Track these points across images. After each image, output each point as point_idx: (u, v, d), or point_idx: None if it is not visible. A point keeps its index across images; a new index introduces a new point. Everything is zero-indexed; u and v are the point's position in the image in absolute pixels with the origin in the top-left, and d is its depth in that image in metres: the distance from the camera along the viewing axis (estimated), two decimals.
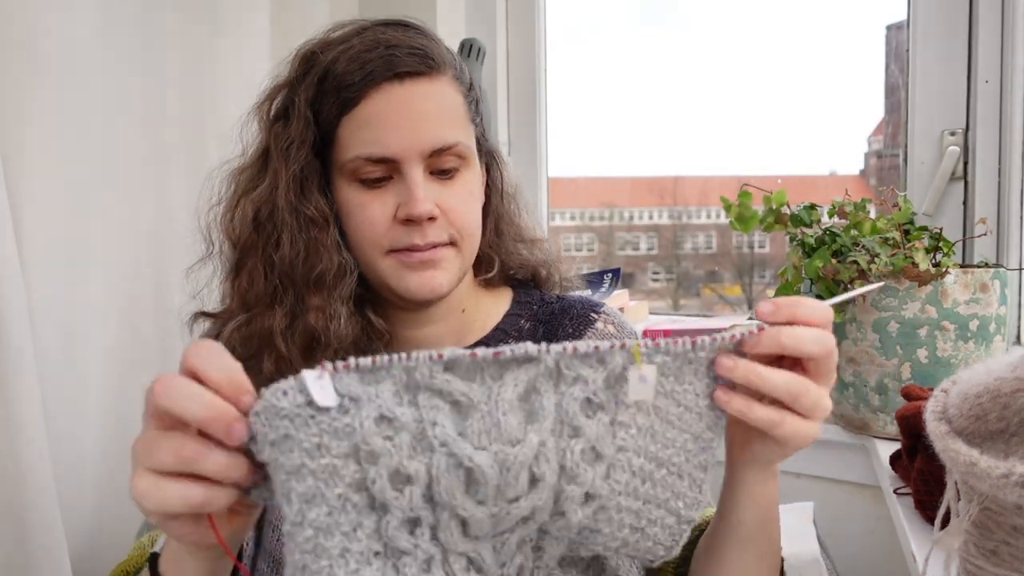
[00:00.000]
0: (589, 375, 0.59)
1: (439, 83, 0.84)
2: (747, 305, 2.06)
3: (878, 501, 1.36)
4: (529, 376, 0.57)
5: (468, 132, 0.88)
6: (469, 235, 0.88)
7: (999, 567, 0.56)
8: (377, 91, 0.82)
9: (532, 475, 0.57)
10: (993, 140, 1.36)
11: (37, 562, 1.16)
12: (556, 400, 0.58)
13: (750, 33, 1.81)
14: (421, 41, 0.84)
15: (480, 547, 0.60)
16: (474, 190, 0.89)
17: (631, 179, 2.23)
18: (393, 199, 0.83)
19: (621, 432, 0.60)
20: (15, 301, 1.12)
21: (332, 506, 0.54)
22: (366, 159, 0.82)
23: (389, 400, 0.54)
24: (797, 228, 1.30)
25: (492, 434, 0.56)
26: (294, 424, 0.52)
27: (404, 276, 0.85)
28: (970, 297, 1.15)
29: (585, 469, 0.59)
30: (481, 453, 0.55)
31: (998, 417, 0.53)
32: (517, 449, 0.56)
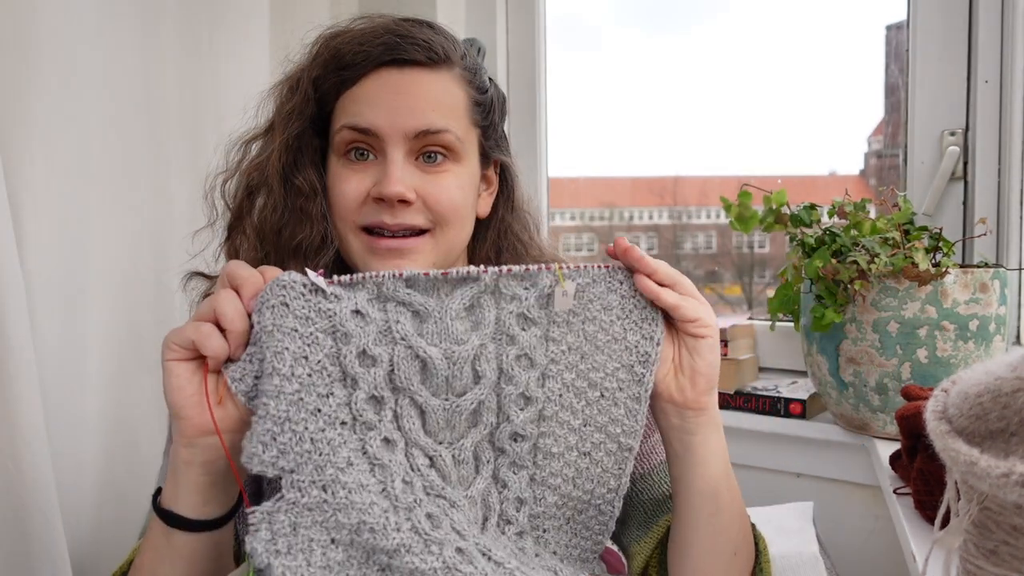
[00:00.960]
0: (522, 293, 0.72)
1: (440, 76, 0.86)
2: (747, 305, 2.05)
3: (878, 501, 1.36)
4: (473, 292, 0.71)
5: (465, 129, 0.88)
6: (448, 224, 0.87)
7: (999, 567, 0.56)
8: (376, 73, 0.85)
9: (475, 373, 0.72)
10: (993, 140, 1.36)
11: (37, 562, 1.16)
12: (496, 313, 0.72)
13: (750, 33, 1.81)
14: (431, 36, 0.86)
15: (440, 449, 0.72)
16: (463, 185, 0.88)
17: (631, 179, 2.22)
18: (371, 177, 0.85)
19: (552, 346, 0.73)
20: (15, 301, 1.12)
21: (313, 368, 0.68)
22: (351, 128, 0.85)
23: (363, 301, 0.70)
24: (797, 228, 1.30)
25: (442, 335, 0.71)
26: (290, 295, 0.68)
27: (369, 261, 0.86)
28: (970, 297, 1.15)
29: (519, 372, 0.72)
30: (433, 348, 0.70)
31: (998, 417, 0.53)
32: (461, 348, 0.71)
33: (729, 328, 1.51)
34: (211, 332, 0.68)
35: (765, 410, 1.44)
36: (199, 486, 0.71)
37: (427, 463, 0.72)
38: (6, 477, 1.13)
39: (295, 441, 0.66)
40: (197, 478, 0.71)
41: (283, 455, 0.66)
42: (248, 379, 0.68)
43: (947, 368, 1.15)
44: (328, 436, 0.67)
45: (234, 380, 0.69)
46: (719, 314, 1.85)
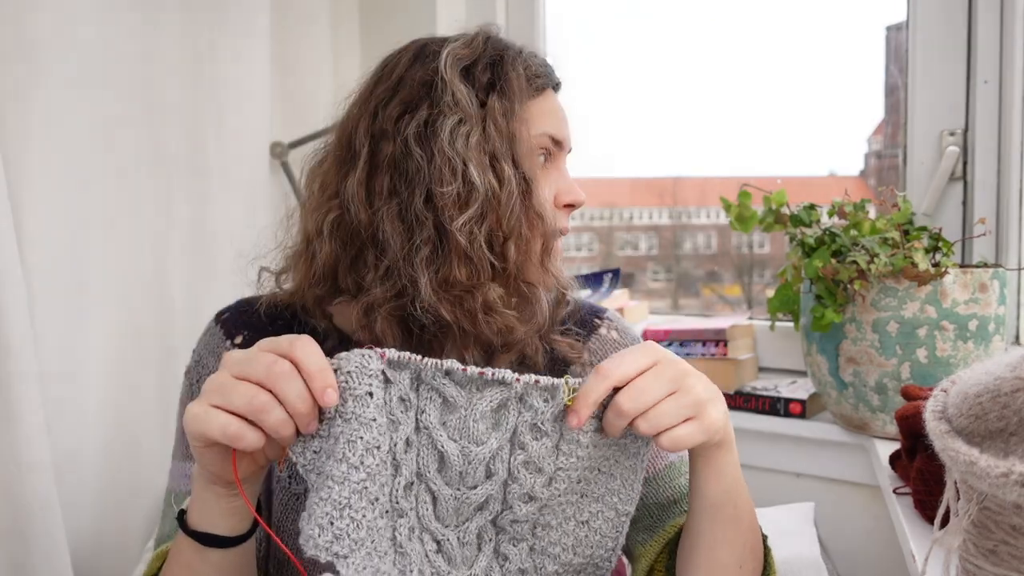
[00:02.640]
0: (540, 407, 0.72)
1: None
2: (747, 305, 2.05)
3: (878, 501, 1.36)
4: (503, 396, 0.71)
5: None
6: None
7: (998, 566, 0.56)
8: (549, 90, 0.93)
9: (488, 470, 0.73)
10: (992, 140, 1.36)
11: (37, 562, 1.16)
12: (515, 419, 0.72)
13: (750, 33, 1.81)
14: None
15: (447, 532, 0.74)
16: None
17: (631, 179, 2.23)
18: (555, 182, 0.91)
19: (562, 458, 0.73)
20: (15, 301, 1.12)
21: (383, 458, 0.68)
22: (552, 137, 0.90)
23: (406, 386, 0.70)
24: (797, 228, 1.30)
25: (463, 432, 0.71)
26: (375, 384, 0.67)
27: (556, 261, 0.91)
28: (969, 297, 1.15)
29: (525, 476, 0.73)
30: (452, 443, 0.72)
31: (997, 416, 0.53)
32: (479, 449, 0.72)
33: (729, 328, 1.51)
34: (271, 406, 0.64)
35: (765, 410, 1.44)
36: (233, 509, 0.72)
37: (435, 548, 0.74)
38: (6, 477, 1.13)
39: (352, 527, 0.66)
40: (229, 503, 0.72)
41: (338, 540, 0.66)
42: (309, 453, 0.68)
43: (947, 368, 1.16)
44: (378, 524, 0.68)
45: (296, 453, 0.68)
46: (719, 314, 1.85)
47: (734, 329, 1.52)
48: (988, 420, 0.54)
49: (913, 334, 1.16)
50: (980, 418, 0.55)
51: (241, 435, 0.64)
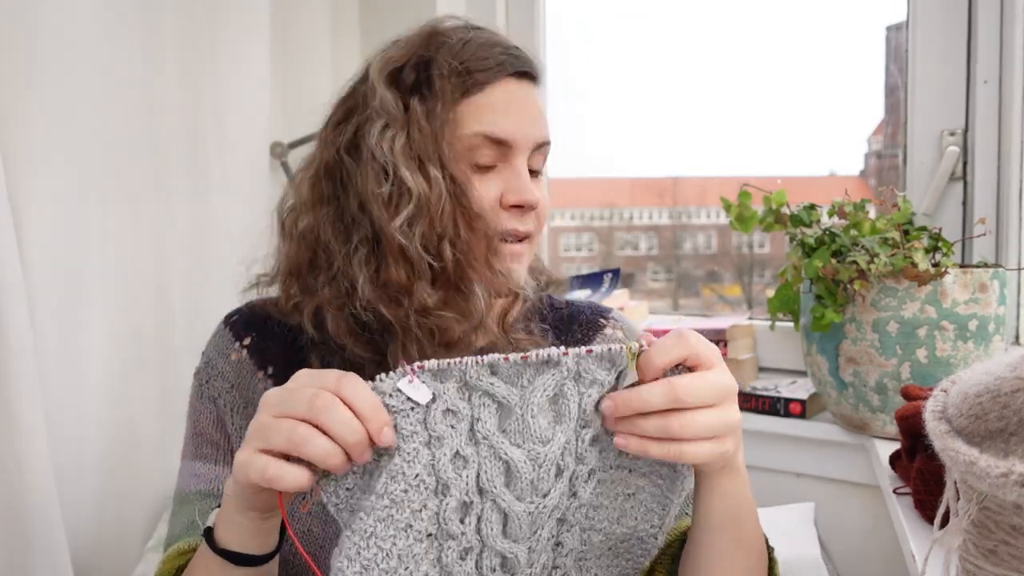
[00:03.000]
0: (603, 377, 0.67)
1: (538, 90, 0.92)
2: (747, 305, 2.05)
3: (878, 501, 1.36)
4: (556, 380, 0.66)
5: None
6: (540, 231, 0.91)
7: (998, 566, 0.56)
8: (501, 81, 0.87)
9: (558, 468, 0.68)
10: (993, 140, 1.36)
11: (37, 562, 1.16)
12: (578, 400, 0.67)
13: (750, 33, 1.81)
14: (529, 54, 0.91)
15: (517, 548, 0.69)
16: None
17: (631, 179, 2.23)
18: (497, 183, 0.87)
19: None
20: (15, 301, 1.12)
21: (410, 484, 0.65)
22: (486, 136, 0.85)
23: (454, 395, 0.66)
24: (797, 228, 1.30)
25: (525, 434, 0.66)
26: (399, 417, 0.64)
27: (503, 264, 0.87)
28: (969, 297, 1.15)
29: (591, 451, 0.69)
30: (516, 450, 0.66)
31: (998, 416, 0.53)
32: (547, 448, 0.66)
33: (729, 328, 1.51)
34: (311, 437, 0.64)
35: (765, 410, 1.44)
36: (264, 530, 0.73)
37: (499, 562, 0.70)
38: (6, 477, 1.13)
39: (381, 557, 0.65)
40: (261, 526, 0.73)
41: (366, 571, 0.65)
42: (341, 491, 0.67)
43: (947, 368, 1.16)
44: (415, 551, 0.66)
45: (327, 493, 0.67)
46: (719, 314, 1.85)
47: (734, 329, 1.52)
48: (988, 420, 0.54)
49: (913, 334, 1.16)
50: (980, 418, 0.55)
51: (280, 476, 0.64)
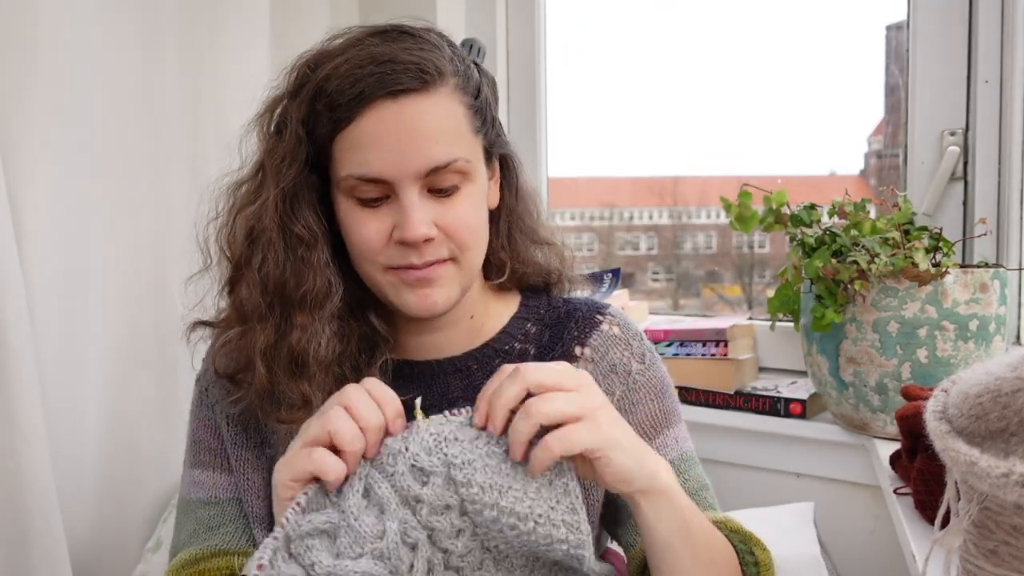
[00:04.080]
0: (398, 445, 0.68)
1: (436, 97, 0.81)
2: (747, 305, 2.05)
3: (878, 501, 1.36)
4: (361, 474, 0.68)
5: (470, 145, 0.84)
6: (470, 250, 0.86)
7: (999, 567, 0.56)
8: (370, 109, 0.79)
9: (409, 545, 0.67)
10: (993, 140, 1.36)
11: (37, 562, 1.16)
12: (389, 483, 0.67)
13: (750, 33, 1.80)
14: (418, 53, 0.81)
15: None
16: (478, 202, 0.86)
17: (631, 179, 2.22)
18: (389, 219, 0.82)
19: (463, 489, 0.68)
20: (15, 301, 1.12)
21: None
22: (359, 178, 0.81)
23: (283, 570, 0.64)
24: (797, 228, 1.30)
25: (360, 541, 0.65)
26: None
27: (402, 293, 0.85)
28: (970, 297, 1.15)
29: (439, 520, 0.68)
30: (360, 561, 0.65)
31: (998, 417, 0.53)
32: (385, 541, 0.66)
33: (729, 328, 1.51)
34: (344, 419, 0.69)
35: (765, 410, 1.44)
36: None
37: None
38: (6, 477, 1.13)
39: None
40: None
41: None
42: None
43: (947, 368, 1.15)
44: None
45: None
46: (719, 314, 1.85)
47: (734, 329, 1.52)
48: (989, 420, 0.54)
49: (914, 334, 1.16)
50: (981, 418, 0.54)
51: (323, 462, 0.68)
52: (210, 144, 1.53)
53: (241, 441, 0.93)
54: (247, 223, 0.85)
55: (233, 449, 0.94)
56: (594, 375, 0.89)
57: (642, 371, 0.95)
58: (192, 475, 0.95)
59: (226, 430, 0.94)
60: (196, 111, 1.51)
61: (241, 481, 0.93)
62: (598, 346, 0.95)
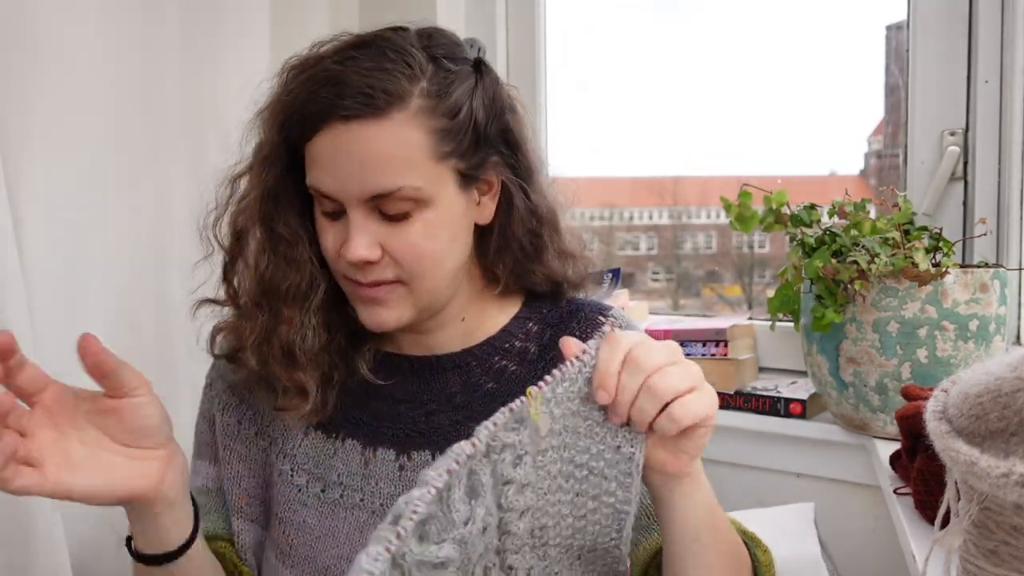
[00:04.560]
0: (515, 439, 0.66)
1: (388, 124, 0.79)
2: (747, 305, 2.05)
3: (878, 501, 1.36)
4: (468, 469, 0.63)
5: (428, 172, 0.81)
6: (421, 276, 0.85)
7: (999, 567, 0.56)
8: (325, 129, 0.80)
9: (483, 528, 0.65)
10: (993, 140, 1.36)
11: (37, 563, 1.16)
12: (491, 469, 0.65)
13: (750, 33, 1.81)
14: (375, 76, 0.79)
15: None
16: (435, 231, 0.84)
17: (631, 179, 2.22)
18: (343, 234, 0.83)
19: (540, 456, 0.68)
20: (15, 301, 1.12)
21: None
22: (316, 191, 0.84)
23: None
24: (797, 228, 1.30)
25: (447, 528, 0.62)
26: None
27: (356, 304, 0.87)
28: (970, 297, 1.15)
29: (517, 499, 0.68)
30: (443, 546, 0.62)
31: (998, 417, 0.53)
32: (469, 527, 0.63)
33: (729, 328, 1.51)
34: None
35: (765, 410, 1.44)
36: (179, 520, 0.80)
37: None
38: None
39: None
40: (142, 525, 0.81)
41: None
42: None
43: (947, 368, 1.15)
44: None
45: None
46: (719, 314, 1.85)
47: (734, 329, 1.52)
48: (989, 420, 0.54)
49: (914, 334, 1.16)
50: (981, 418, 0.54)
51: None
52: (210, 144, 1.53)
53: (233, 432, 0.96)
54: (234, 219, 0.90)
55: (223, 439, 0.96)
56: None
57: None
58: (194, 465, 0.98)
59: (220, 419, 0.96)
60: (196, 111, 1.51)
61: (224, 470, 0.96)
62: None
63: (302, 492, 0.91)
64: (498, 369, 0.93)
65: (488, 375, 0.93)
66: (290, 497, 0.91)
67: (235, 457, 0.96)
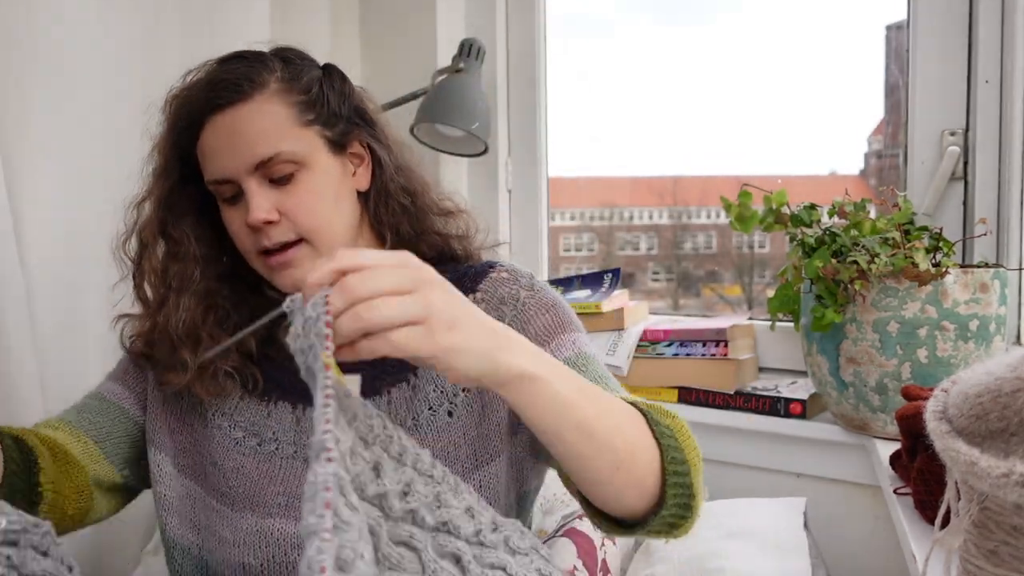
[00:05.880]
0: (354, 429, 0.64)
1: (256, 103, 0.94)
2: (747, 305, 2.06)
3: (878, 501, 1.36)
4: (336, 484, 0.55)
5: (298, 137, 0.95)
6: (315, 231, 0.95)
7: (999, 567, 0.56)
8: (208, 124, 0.95)
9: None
10: (993, 140, 1.36)
11: None
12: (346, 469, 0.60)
13: (750, 33, 1.81)
14: (240, 70, 0.95)
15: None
16: (319, 189, 0.96)
17: (631, 179, 2.23)
18: (244, 212, 0.95)
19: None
20: (15, 301, 1.12)
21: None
22: (212, 182, 0.96)
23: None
24: (797, 228, 1.30)
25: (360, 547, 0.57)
26: None
27: (273, 275, 0.96)
28: (970, 297, 1.15)
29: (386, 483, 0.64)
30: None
31: (998, 417, 0.53)
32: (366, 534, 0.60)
33: (729, 328, 1.51)
34: None
35: (765, 410, 1.44)
36: None
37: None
38: None
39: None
40: None
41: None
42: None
43: (947, 368, 1.15)
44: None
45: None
46: (719, 314, 1.85)
47: (734, 329, 1.52)
48: (989, 420, 0.54)
49: (914, 334, 1.16)
50: (981, 418, 0.54)
51: None
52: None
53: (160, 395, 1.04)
54: (139, 232, 1.03)
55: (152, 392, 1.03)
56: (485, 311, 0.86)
57: (531, 296, 0.98)
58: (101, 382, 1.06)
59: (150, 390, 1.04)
60: None
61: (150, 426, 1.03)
62: (487, 288, 1.00)
63: (240, 444, 0.98)
64: None
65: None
66: (228, 447, 0.98)
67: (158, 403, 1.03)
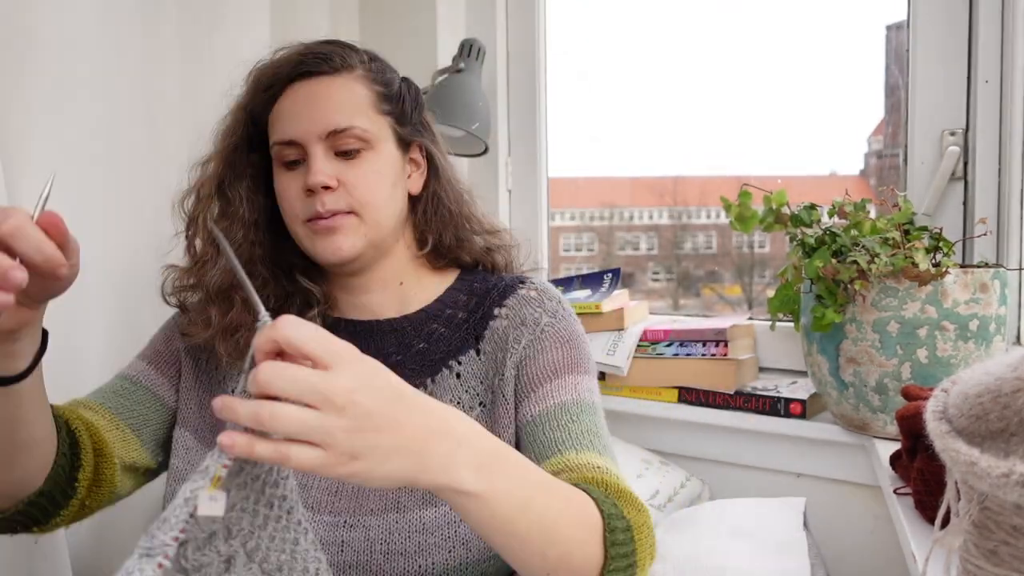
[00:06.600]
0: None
1: (341, 79, 1.00)
2: (747, 305, 2.06)
3: (878, 501, 1.36)
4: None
5: (372, 120, 1.00)
6: (368, 206, 0.99)
7: (999, 567, 0.56)
8: (290, 88, 1.00)
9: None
10: (993, 140, 1.36)
11: (37, 562, 1.16)
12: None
13: (750, 33, 1.81)
14: (332, 49, 1.02)
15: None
16: (381, 170, 1.00)
17: (631, 179, 2.23)
18: (303, 177, 0.99)
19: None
20: None
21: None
22: (278, 143, 1.00)
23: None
24: (797, 228, 1.30)
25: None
26: None
27: (314, 241, 1.00)
28: (970, 297, 1.15)
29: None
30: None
31: (998, 417, 0.53)
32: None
33: (729, 328, 1.51)
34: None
35: (765, 410, 1.44)
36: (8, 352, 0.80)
37: None
38: None
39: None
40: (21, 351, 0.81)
41: None
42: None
43: (947, 368, 1.15)
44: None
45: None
46: (719, 314, 1.85)
47: (734, 329, 1.52)
48: (989, 420, 0.54)
49: (914, 334, 1.16)
50: (981, 418, 0.54)
51: None
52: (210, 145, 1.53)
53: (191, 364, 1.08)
54: (197, 186, 1.07)
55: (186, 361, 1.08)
56: (506, 329, 1.01)
57: (551, 324, 1.01)
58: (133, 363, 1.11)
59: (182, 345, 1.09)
60: (196, 111, 1.51)
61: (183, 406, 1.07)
62: (513, 305, 1.03)
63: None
64: (428, 331, 1.04)
65: (419, 337, 1.04)
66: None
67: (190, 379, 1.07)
